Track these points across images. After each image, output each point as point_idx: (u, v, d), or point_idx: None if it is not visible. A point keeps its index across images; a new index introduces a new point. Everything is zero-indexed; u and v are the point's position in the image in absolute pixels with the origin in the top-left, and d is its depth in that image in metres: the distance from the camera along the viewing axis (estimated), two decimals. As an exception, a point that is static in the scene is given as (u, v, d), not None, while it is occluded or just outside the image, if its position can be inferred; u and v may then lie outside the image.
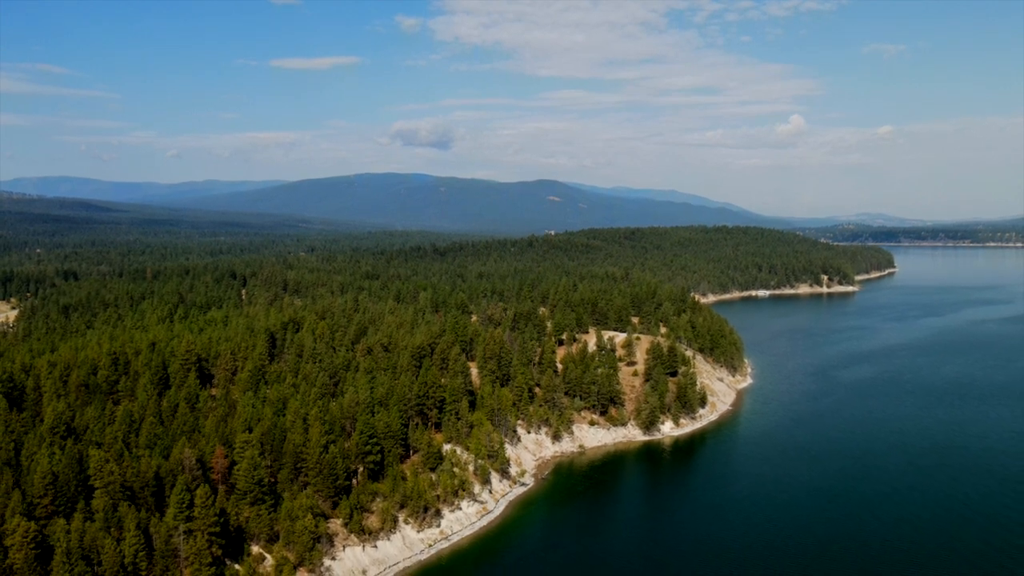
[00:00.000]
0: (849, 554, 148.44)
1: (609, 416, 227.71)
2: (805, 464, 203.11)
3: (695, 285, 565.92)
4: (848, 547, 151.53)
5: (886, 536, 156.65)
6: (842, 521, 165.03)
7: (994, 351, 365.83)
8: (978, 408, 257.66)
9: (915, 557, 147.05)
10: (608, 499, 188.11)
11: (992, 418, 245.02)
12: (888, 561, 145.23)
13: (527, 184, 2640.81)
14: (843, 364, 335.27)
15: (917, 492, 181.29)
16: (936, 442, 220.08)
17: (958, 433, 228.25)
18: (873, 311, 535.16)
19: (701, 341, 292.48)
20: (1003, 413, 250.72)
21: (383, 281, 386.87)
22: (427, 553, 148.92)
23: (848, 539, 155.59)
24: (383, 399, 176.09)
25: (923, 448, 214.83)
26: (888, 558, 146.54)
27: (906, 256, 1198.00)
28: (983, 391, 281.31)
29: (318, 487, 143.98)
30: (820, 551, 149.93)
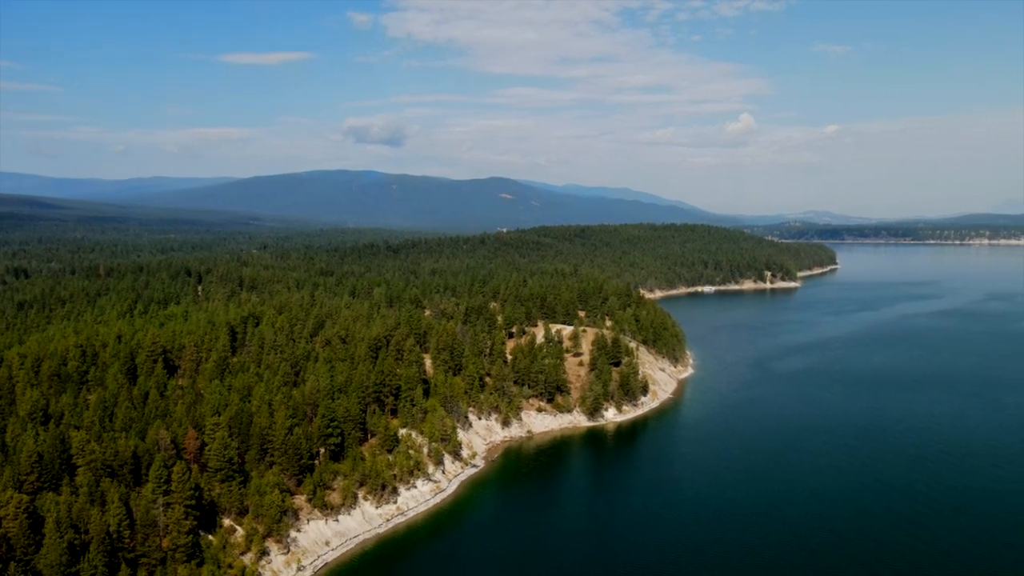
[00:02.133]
0: (769, 524, 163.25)
1: (556, 403, 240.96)
2: (737, 446, 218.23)
3: (643, 281, 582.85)
4: (769, 518, 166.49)
5: (803, 507, 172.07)
6: (766, 496, 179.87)
7: (921, 343, 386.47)
8: (900, 395, 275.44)
9: (828, 524, 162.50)
10: (554, 479, 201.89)
11: (912, 404, 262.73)
12: (802, 528, 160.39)
13: (480, 182, 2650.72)
14: (780, 356, 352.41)
15: (835, 469, 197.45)
16: (858, 425, 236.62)
17: (879, 417, 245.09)
18: (812, 306, 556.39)
19: (645, 334, 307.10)
20: (922, 399, 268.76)
21: (338, 277, 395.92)
22: (385, 527, 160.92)
23: (770, 511, 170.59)
24: (342, 387, 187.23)
25: (846, 431, 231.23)
26: (803, 526, 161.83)
27: (849, 253, 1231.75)
28: (907, 380, 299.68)
29: (283, 466, 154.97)
30: (743, 522, 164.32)
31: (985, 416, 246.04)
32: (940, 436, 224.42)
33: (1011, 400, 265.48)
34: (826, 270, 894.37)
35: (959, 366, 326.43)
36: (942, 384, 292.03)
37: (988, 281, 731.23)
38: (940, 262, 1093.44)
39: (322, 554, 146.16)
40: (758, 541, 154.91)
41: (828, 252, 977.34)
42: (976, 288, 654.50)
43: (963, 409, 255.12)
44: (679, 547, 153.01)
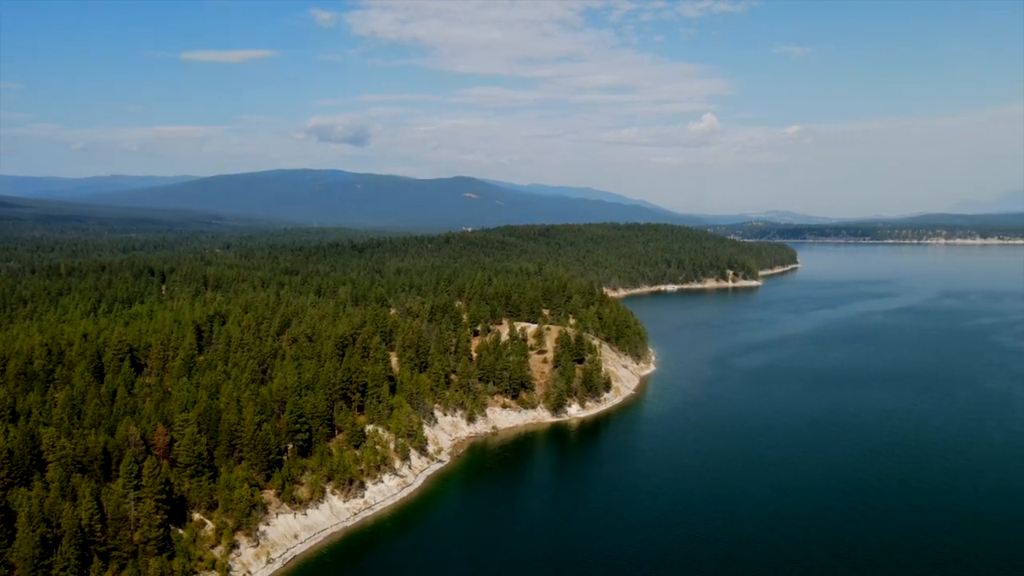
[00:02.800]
0: (726, 516, 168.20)
1: (520, 400, 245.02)
2: (697, 441, 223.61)
3: (606, 280, 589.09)
4: (726, 511, 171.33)
5: (760, 498, 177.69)
6: (724, 489, 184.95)
7: (876, 340, 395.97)
8: (856, 391, 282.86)
9: (783, 515, 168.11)
10: (518, 474, 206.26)
11: (867, 399, 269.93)
12: (758, 520, 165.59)
13: (444, 181, 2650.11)
14: (740, 353, 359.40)
15: (791, 462, 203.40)
16: (815, 420, 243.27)
17: (835, 413, 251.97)
18: (773, 304, 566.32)
19: (607, 331, 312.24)
20: (877, 395, 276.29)
21: (303, 277, 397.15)
22: (352, 520, 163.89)
23: (727, 503, 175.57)
24: (310, 383, 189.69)
25: (802, 425, 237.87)
26: (759, 518, 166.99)
27: (810, 252, 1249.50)
28: (862, 376, 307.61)
29: (252, 461, 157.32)
30: (701, 514, 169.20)
31: (936, 410, 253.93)
32: (893, 430, 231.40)
33: (961, 394, 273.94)
34: (787, 269, 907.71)
35: (913, 362, 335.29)
36: (896, 380, 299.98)
37: (943, 280, 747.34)
38: (897, 261, 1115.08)
39: (291, 547, 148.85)
40: (715, 533, 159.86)
41: (789, 251, 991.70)
42: (931, 287, 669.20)
43: (916, 404, 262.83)
44: (638, 538, 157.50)
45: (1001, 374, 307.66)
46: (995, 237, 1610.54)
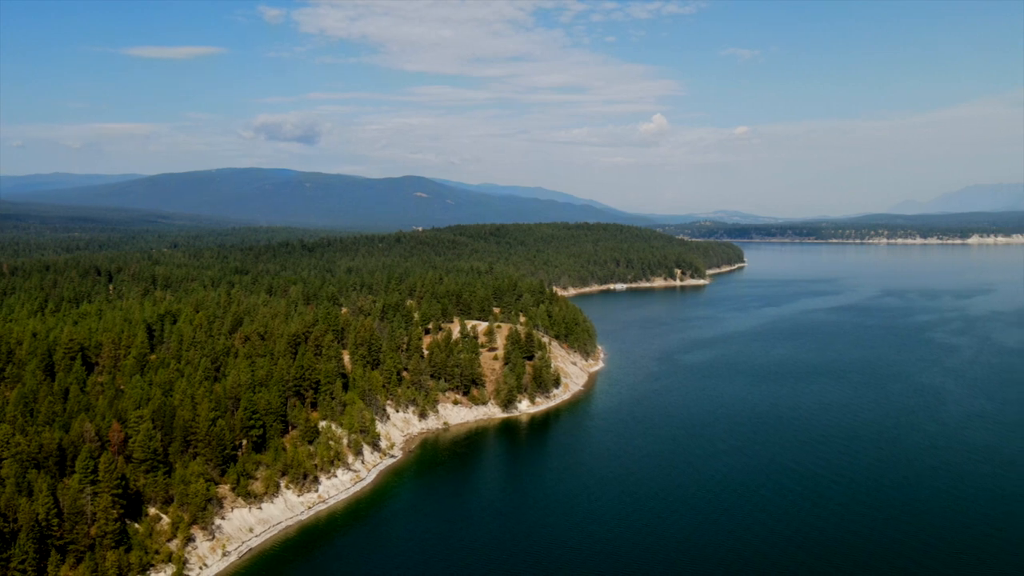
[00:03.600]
0: (668, 504, 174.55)
1: (471, 396, 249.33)
2: (643, 434, 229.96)
3: (556, 279, 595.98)
4: (669, 499, 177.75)
5: (704, 487, 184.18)
6: (669, 478, 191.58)
7: (818, 336, 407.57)
8: (797, 385, 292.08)
9: (723, 502, 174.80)
10: (469, 468, 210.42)
11: (806, 393, 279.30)
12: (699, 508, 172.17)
13: (394, 180, 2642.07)
14: (686, 349, 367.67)
15: (733, 452, 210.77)
16: (756, 413, 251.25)
17: (776, 406, 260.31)
18: (719, 302, 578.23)
19: (557, 329, 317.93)
20: (816, 388, 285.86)
21: (253, 276, 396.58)
22: (307, 514, 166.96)
23: (672, 492, 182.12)
24: (263, 381, 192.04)
25: (745, 418, 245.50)
26: (702, 504, 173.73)
27: (756, 251, 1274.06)
28: (803, 371, 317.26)
29: (207, 457, 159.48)
30: (645, 503, 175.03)
31: (872, 403, 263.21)
32: (831, 422, 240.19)
33: (896, 388, 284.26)
34: (734, 268, 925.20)
35: (851, 358, 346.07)
36: (835, 375, 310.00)
37: (883, 278, 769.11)
38: (840, 260, 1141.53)
39: (246, 540, 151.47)
40: (658, 520, 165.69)
41: (736, 250, 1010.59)
42: (872, 285, 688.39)
43: (853, 397, 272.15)
44: (589, 528, 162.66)
45: (934, 369, 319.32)
46: (934, 237, 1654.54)
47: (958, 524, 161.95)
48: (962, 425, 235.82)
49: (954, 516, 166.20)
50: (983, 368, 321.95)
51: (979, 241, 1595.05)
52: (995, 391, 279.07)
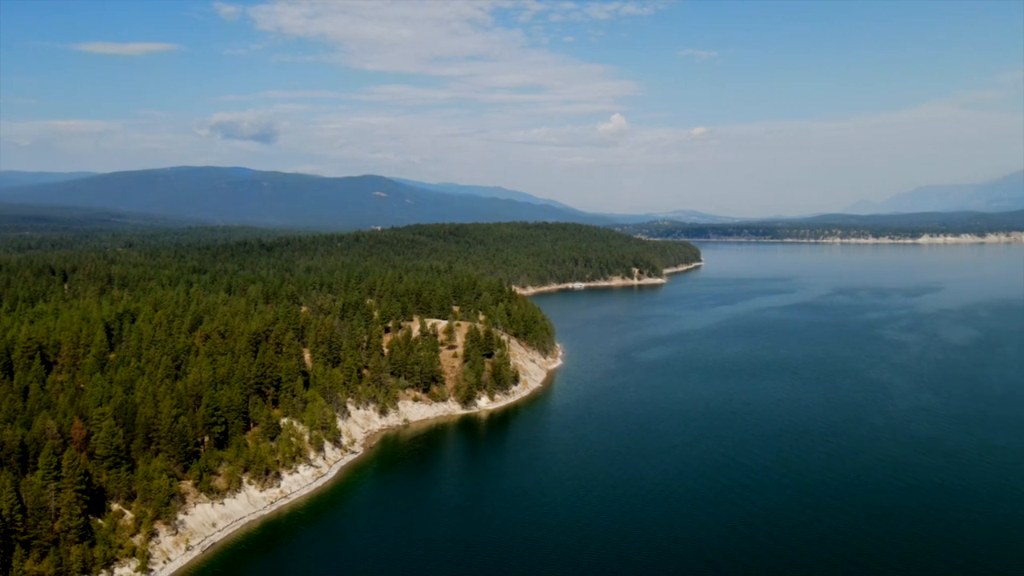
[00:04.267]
0: (624, 498, 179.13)
1: (431, 393, 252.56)
2: (600, 430, 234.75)
3: (515, 278, 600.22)
4: (624, 492, 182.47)
5: (659, 480, 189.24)
6: (625, 471, 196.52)
7: (771, 334, 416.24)
8: (750, 381, 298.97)
9: (677, 494, 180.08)
10: (429, 463, 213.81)
11: (759, 388, 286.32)
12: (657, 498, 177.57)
13: (353, 179, 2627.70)
14: (643, 347, 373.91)
15: (687, 447, 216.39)
16: (711, 408, 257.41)
17: (729, 401, 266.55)
18: (676, 300, 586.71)
19: (516, 327, 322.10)
20: (769, 384, 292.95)
21: (212, 275, 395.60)
22: (269, 509, 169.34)
23: (629, 484, 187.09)
24: (225, 378, 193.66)
25: (699, 413, 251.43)
26: (658, 497, 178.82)
27: (713, 251, 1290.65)
28: (756, 367, 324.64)
29: (170, 453, 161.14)
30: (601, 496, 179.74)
31: (822, 398, 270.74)
32: (782, 416, 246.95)
33: (845, 384, 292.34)
34: (691, 267, 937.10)
35: (803, 355, 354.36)
36: (787, 371, 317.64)
37: (836, 277, 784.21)
38: (795, 259, 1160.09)
39: (209, 535, 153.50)
40: (614, 512, 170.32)
41: (693, 250, 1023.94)
42: (825, 284, 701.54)
43: (804, 393, 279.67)
44: (547, 519, 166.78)
45: (882, 365, 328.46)
46: (886, 236, 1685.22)
47: (902, 513, 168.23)
48: (907, 419, 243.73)
49: (898, 506, 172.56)
50: (929, 364, 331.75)
51: (929, 241, 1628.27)
52: (940, 386, 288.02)
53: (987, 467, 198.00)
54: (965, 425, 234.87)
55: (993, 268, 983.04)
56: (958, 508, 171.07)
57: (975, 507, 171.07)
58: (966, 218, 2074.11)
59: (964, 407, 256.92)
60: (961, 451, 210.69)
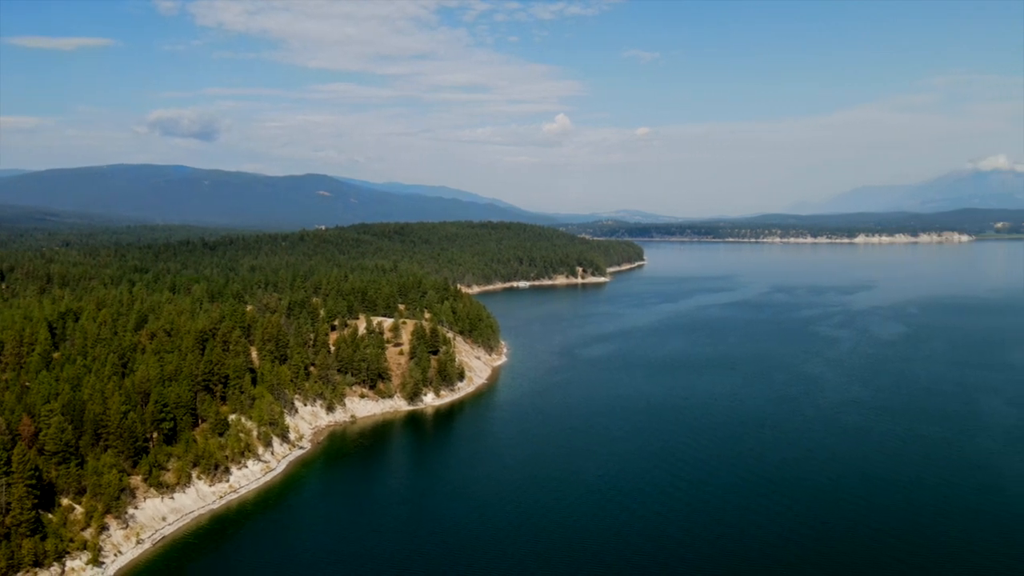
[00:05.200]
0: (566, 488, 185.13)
1: (378, 390, 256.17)
2: (543, 424, 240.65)
3: (460, 277, 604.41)
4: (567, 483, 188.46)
5: (599, 472, 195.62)
6: (567, 464, 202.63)
7: (711, 331, 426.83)
8: (690, 376, 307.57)
9: (616, 484, 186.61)
10: (376, 457, 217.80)
11: (698, 383, 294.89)
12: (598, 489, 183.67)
13: (296, 178, 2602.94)
14: (586, 344, 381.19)
15: (628, 439, 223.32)
16: (652, 402, 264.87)
17: (669, 396, 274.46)
18: (619, 299, 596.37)
19: (461, 324, 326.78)
20: (707, 379, 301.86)
21: (154, 274, 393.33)
22: (218, 503, 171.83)
23: (568, 475, 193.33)
24: (172, 375, 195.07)
25: (640, 407, 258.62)
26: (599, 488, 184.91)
27: (656, 250, 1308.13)
28: (696, 363, 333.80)
29: (119, 449, 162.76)
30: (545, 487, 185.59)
31: (758, 392, 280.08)
32: (720, 410, 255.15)
33: (780, 377, 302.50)
34: (634, 266, 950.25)
35: (742, 350, 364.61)
36: (726, 366, 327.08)
37: (775, 276, 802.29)
38: (736, 258, 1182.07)
39: (160, 528, 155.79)
40: (556, 502, 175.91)
41: (636, 249, 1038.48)
42: (764, 282, 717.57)
43: (740, 387, 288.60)
44: (491, 510, 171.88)
45: (816, 360, 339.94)
46: (824, 236, 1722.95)
47: (831, 500, 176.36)
48: (838, 410, 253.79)
49: (827, 492, 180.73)
50: (860, 358, 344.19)
51: (865, 240, 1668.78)
52: (869, 379, 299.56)
53: (910, 454, 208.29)
54: (891, 415, 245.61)
55: (924, 267, 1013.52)
56: (883, 494, 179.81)
57: (899, 492, 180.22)
58: (900, 218, 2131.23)
59: (891, 399, 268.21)
60: (887, 440, 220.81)
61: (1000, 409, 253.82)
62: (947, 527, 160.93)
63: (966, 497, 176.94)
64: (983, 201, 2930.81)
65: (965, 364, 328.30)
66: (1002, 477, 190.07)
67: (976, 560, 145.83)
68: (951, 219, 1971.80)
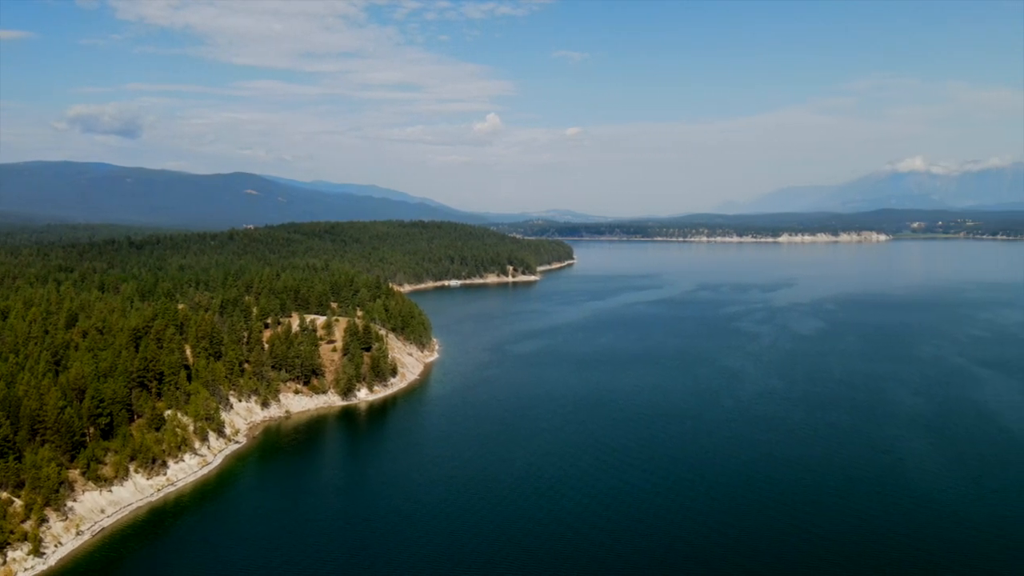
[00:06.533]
0: (495, 476, 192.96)
1: (312, 386, 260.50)
2: (474, 417, 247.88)
3: (392, 276, 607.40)
4: (495, 472, 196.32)
5: (527, 460, 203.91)
6: (497, 453, 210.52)
7: (638, 327, 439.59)
8: (616, 370, 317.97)
9: (543, 472, 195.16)
10: (312, 451, 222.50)
11: (624, 377, 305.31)
12: (522, 476, 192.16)
13: (222, 176, 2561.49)
14: (516, 340, 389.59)
15: (555, 431, 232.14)
16: (579, 395, 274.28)
17: (595, 389, 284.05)
18: (549, 297, 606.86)
19: (394, 322, 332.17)
20: (633, 373, 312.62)
21: (81, 273, 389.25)
22: (156, 496, 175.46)
23: (497, 464, 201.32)
24: (108, 372, 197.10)
25: (569, 400, 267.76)
26: (523, 474, 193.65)
27: (586, 249, 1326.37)
28: (622, 358, 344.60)
29: (56, 443, 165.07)
30: (474, 476, 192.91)
31: (680, 385, 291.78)
32: (644, 402, 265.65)
33: (702, 371, 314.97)
34: (564, 265, 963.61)
35: (667, 346, 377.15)
36: (650, 360, 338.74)
37: (701, 274, 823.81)
38: (664, 257, 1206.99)
39: (99, 520, 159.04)
40: (487, 490, 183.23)
41: (566, 248, 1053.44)
42: (690, 280, 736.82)
43: (664, 380, 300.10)
44: (422, 498, 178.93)
45: (736, 354, 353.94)
46: (749, 236, 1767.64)
47: (745, 484, 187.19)
48: (754, 401, 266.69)
49: (742, 477, 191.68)
50: (778, 352, 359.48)
51: (788, 240, 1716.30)
52: (786, 371, 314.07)
53: (820, 440, 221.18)
54: (804, 405, 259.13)
55: (843, 266, 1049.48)
56: (792, 477, 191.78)
57: (807, 475, 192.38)
58: (822, 218, 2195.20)
59: (805, 390, 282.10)
60: (799, 427, 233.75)
61: (905, 399, 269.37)
62: (849, 505, 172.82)
63: (869, 479, 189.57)
64: (900, 202, 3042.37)
65: (876, 357, 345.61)
66: (903, 460, 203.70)
67: (875, 535, 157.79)
68: (870, 219, 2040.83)
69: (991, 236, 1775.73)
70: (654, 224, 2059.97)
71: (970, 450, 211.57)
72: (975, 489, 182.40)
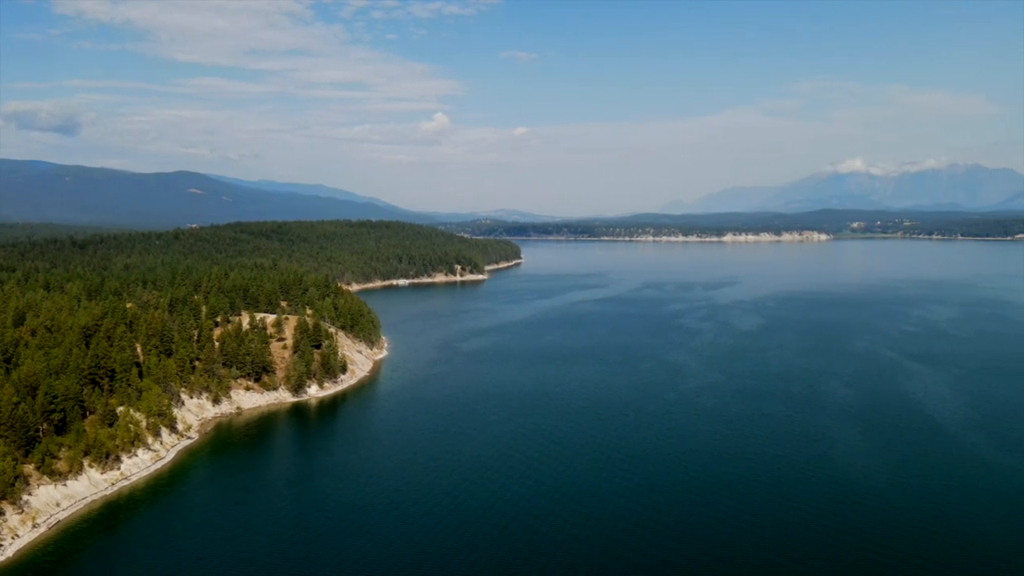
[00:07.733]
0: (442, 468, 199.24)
1: (263, 382, 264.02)
2: (422, 412, 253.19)
3: (340, 275, 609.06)
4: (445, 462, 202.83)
5: (474, 452, 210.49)
6: (445, 445, 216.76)
7: (584, 325, 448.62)
8: (561, 366, 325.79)
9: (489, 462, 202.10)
10: (263, 445, 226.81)
11: (569, 372, 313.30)
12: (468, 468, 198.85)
13: (165, 175, 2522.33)
14: (464, 338, 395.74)
15: (502, 423, 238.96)
16: (525, 390, 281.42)
17: (542, 384, 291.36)
18: (496, 295, 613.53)
19: (343, 320, 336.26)
20: (578, 368, 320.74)
21: (23, 273, 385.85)
22: (111, 490, 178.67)
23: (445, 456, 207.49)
24: (59, 369, 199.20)
25: (515, 394, 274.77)
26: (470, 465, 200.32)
27: (534, 248, 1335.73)
28: (568, 354, 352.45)
29: (10, 439, 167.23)
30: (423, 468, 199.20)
31: (623, 379, 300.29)
32: (588, 396, 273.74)
33: (645, 366, 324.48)
34: (512, 264, 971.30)
35: (612, 342, 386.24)
36: (595, 357, 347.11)
37: (646, 273, 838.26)
38: (610, 256, 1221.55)
39: (54, 513, 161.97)
40: (435, 481, 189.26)
41: (514, 247, 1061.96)
42: (636, 279, 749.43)
43: (608, 375, 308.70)
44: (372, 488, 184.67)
45: (679, 349, 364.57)
46: (695, 235, 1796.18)
47: (681, 471, 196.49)
48: (696, 393, 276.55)
49: (681, 467, 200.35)
50: (719, 348, 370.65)
51: (732, 239, 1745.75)
52: (726, 366, 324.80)
53: (755, 430, 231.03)
54: (743, 398, 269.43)
55: (784, 265, 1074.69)
56: (727, 465, 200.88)
57: (742, 463, 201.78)
58: (766, 218, 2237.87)
59: (744, 383, 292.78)
60: (736, 418, 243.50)
61: (837, 390, 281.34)
62: (781, 492, 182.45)
63: (799, 466, 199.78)
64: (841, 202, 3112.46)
65: (812, 352, 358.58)
66: (832, 448, 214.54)
67: (803, 519, 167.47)
68: (812, 219, 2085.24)
69: (927, 236, 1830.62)
70: (601, 224, 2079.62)
71: (896, 438, 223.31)
72: (898, 474, 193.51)
